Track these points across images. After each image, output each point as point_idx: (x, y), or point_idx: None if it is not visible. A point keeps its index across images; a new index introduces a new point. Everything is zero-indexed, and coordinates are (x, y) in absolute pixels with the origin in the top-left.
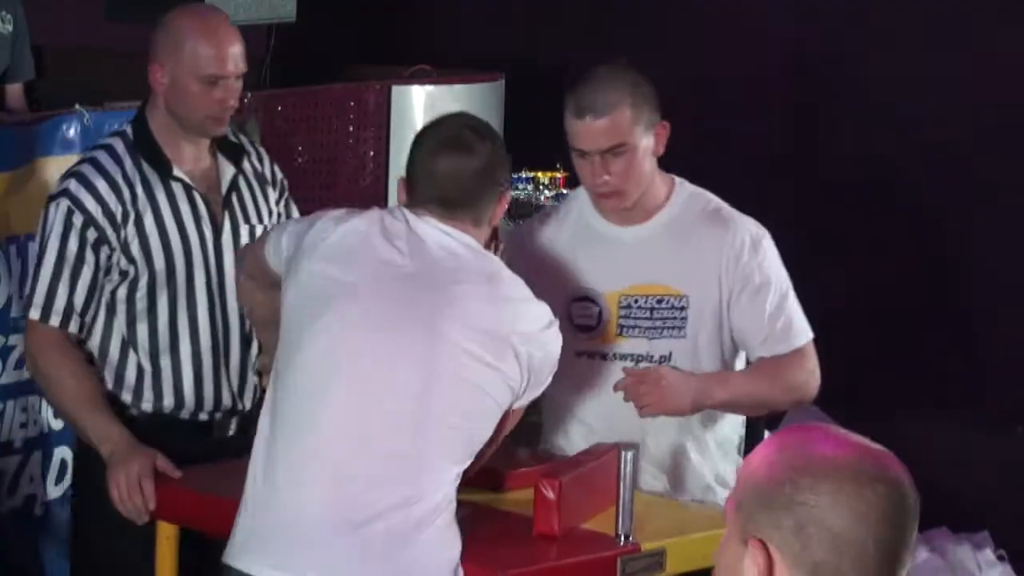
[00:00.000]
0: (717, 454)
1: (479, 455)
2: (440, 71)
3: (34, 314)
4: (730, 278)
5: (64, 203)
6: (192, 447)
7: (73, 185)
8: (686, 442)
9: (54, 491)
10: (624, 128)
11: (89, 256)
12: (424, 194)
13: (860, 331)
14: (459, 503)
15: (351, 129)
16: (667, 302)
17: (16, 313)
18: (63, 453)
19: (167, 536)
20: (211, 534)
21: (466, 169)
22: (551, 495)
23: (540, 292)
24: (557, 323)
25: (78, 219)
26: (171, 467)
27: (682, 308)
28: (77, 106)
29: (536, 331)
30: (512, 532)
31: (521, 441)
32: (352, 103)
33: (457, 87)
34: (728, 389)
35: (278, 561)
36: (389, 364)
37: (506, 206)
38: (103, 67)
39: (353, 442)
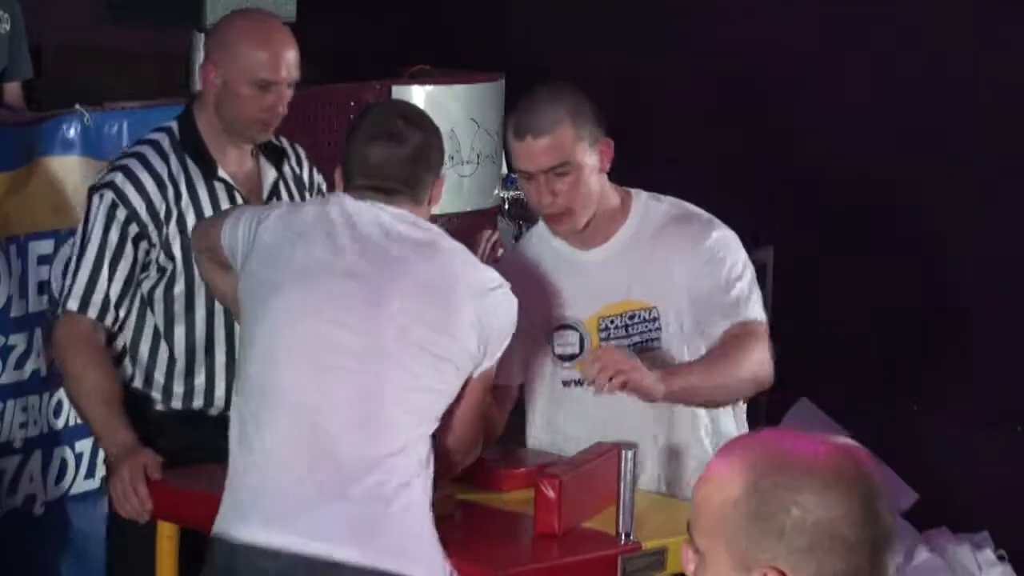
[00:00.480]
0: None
1: (450, 424)
2: (440, 71)
3: (72, 305)
4: (688, 273)
5: (109, 195)
6: (219, 442)
7: (119, 179)
8: (682, 452)
9: (54, 491)
10: (567, 146)
11: (129, 250)
12: (358, 183)
13: (860, 331)
14: (459, 502)
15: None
16: (639, 316)
17: (16, 313)
18: (63, 453)
19: (167, 536)
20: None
21: (396, 158)
22: (552, 494)
23: (523, 324)
24: (508, 287)
25: (121, 213)
26: (156, 469)
27: (655, 319)
28: (77, 106)
29: (483, 288)
30: (513, 531)
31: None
32: (352, 103)
33: (457, 87)
34: (680, 377)
35: (259, 528)
36: (334, 336)
37: (443, 188)
38: (103, 67)
39: (307, 413)
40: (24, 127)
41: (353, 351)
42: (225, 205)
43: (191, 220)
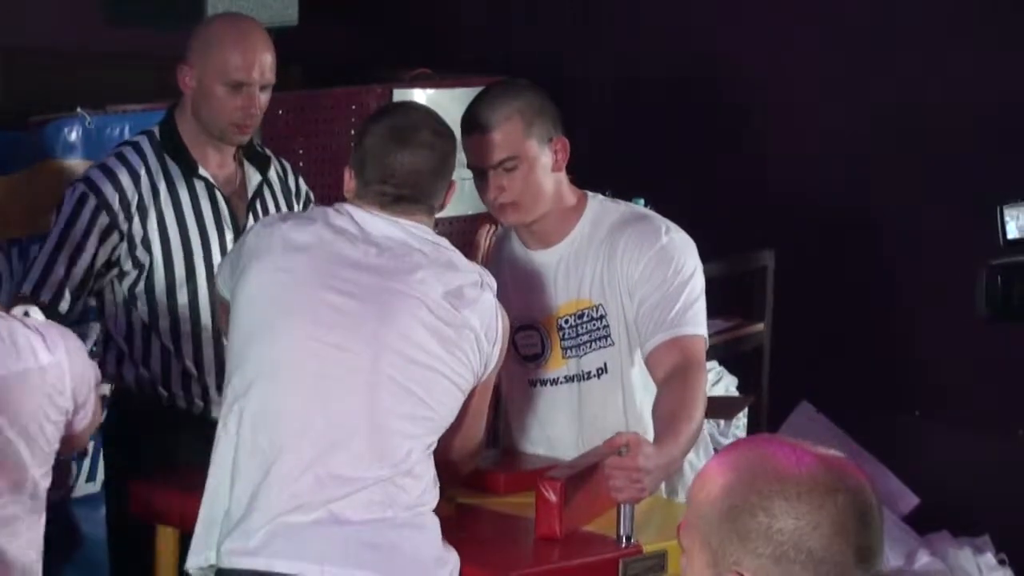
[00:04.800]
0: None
1: (453, 439)
2: (441, 74)
3: (26, 288)
4: (630, 275)
5: (80, 187)
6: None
7: (94, 173)
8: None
9: (54, 494)
10: (515, 141)
11: (92, 242)
12: (382, 189)
13: (861, 334)
14: (460, 505)
15: (352, 133)
16: (587, 315)
17: None
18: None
19: (167, 541)
20: None
21: (425, 169)
22: (553, 497)
23: None
24: (502, 310)
25: (91, 202)
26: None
27: (601, 317)
28: (79, 109)
29: (491, 318)
30: (514, 534)
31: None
32: (353, 106)
33: (458, 90)
34: (679, 443)
35: (267, 557)
36: (335, 356)
37: (454, 192)
38: (104, 70)
39: (309, 437)
40: (26, 130)
41: (354, 371)
42: (205, 203)
43: (170, 218)
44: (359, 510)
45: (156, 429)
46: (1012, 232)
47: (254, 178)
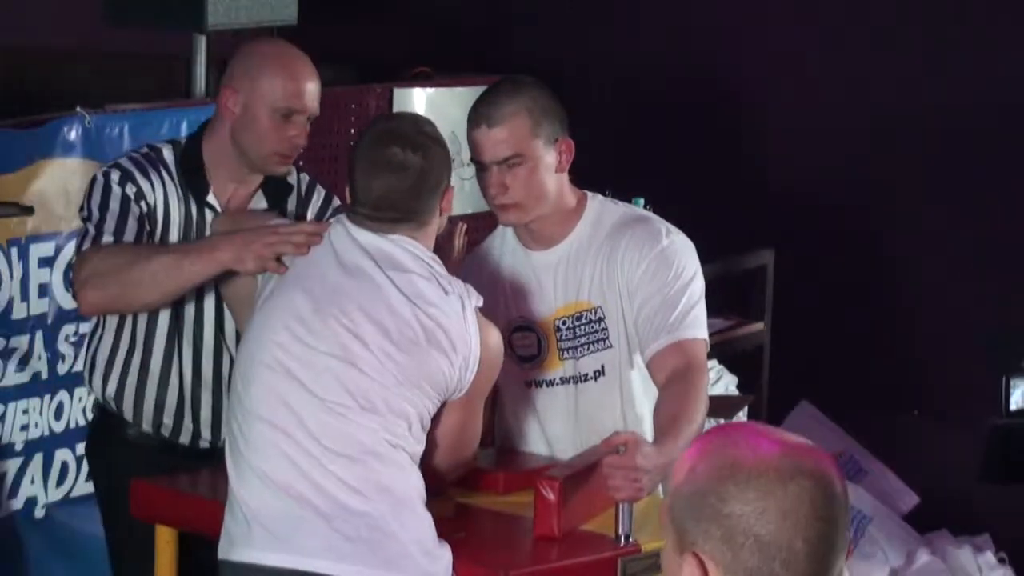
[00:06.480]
0: None
1: (432, 442)
2: (441, 73)
3: (85, 246)
4: (630, 278)
5: (116, 173)
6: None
7: (125, 162)
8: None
9: (55, 494)
10: (521, 139)
11: (138, 214)
12: (362, 212)
13: (861, 333)
14: (458, 505)
15: (352, 132)
16: (585, 317)
17: (17, 315)
18: (64, 456)
19: (166, 540)
20: (211, 537)
21: (397, 191)
22: (551, 496)
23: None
24: (483, 324)
25: (131, 189)
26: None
27: (600, 320)
28: (78, 108)
29: (460, 327)
30: (512, 534)
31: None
32: (353, 105)
33: (458, 89)
34: (679, 444)
35: (258, 549)
36: (308, 355)
37: (452, 197)
38: (104, 69)
39: (286, 431)
40: (25, 129)
41: (330, 371)
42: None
43: (170, 237)
44: (342, 504)
45: (130, 454)
46: (1017, 402)
47: (259, 206)
